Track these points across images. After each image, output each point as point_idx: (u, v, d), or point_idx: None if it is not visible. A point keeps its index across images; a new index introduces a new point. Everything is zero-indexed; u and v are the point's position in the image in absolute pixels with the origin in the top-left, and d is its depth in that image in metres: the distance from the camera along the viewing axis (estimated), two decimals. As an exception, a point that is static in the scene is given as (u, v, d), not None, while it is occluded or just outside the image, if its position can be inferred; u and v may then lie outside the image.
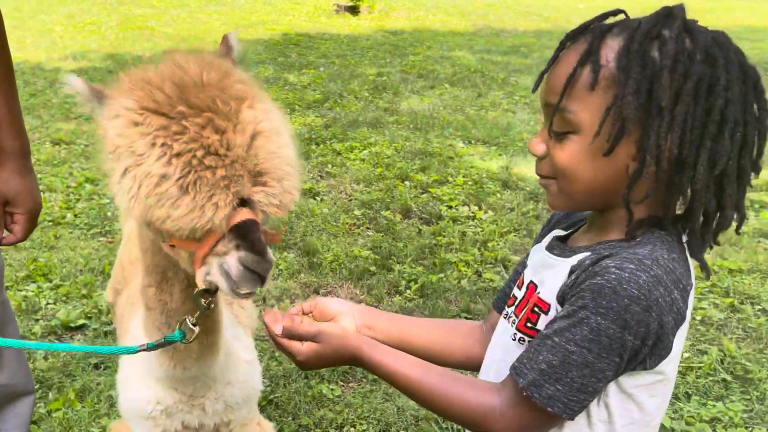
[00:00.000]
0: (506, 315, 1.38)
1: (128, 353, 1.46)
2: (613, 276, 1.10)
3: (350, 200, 5.13)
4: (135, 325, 1.69)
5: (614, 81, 1.13)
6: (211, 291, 1.28)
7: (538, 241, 1.46)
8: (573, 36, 1.23)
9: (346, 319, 1.41)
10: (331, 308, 1.42)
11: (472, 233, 4.56)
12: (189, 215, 1.09)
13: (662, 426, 2.60)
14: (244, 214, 1.13)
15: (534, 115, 7.66)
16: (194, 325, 1.36)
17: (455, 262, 4.12)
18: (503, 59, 11.03)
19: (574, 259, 1.22)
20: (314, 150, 6.13)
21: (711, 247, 1.25)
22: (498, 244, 4.37)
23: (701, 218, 1.20)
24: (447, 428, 2.78)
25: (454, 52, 11.50)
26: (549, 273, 1.28)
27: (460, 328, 1.56)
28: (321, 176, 5.58)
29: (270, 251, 1.18)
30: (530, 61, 10.93)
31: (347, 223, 4.67)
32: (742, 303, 3.76)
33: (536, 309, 1.26)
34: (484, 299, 3.70)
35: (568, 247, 1.31)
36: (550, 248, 1.34)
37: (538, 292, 1.28)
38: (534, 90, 1.31)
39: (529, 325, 1.27)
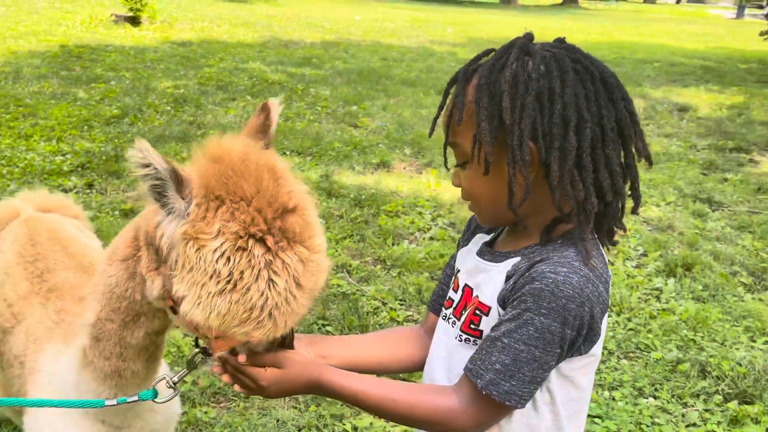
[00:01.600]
0: (445, 316, 1.51)
1: (96, 407, 1.39)
2: (550, 280, 1.25)
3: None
4: (49, 360, 1.59)
5: (473, 114, 1.31)
6: (208, 353, 1.38)
7: (463, 244, 1.60)
8: (453, 82, 1.41)
9: (300, 349, 1.45)
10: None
11: (307, 242, 4.66)
12: (265, 335, 1.20)
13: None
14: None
15: (340, 125, 7.95)
16: (174, 384, 1.43)
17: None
18: (298, 70, 11.23)
19: (508, 264, 1.36)
20: (124, 168, 5.82)
21: (617, 233, 1.43)
22: (336, 251, 4.53)
23: (591, 211, 1.33)
24: None
25: (248, 63, 11.46)
26: (483, 277, 1.41)
27: (398, 336, 1.69)
28: (139, 195, 5.33)
29: None
30: (324, 72, 11.26)
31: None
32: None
33: (477, 312, 1.39)
34: (335, 304, 3.84)
35: (497, 252, 1.44)
36: (480, 254, 1.47)
37: (476, 296, 1.41)
38: (430, 135, 1.56)
39: (472, 326, 1.40)
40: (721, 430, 3.05)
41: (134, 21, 14.74)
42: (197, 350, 1.40)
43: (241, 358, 1.30)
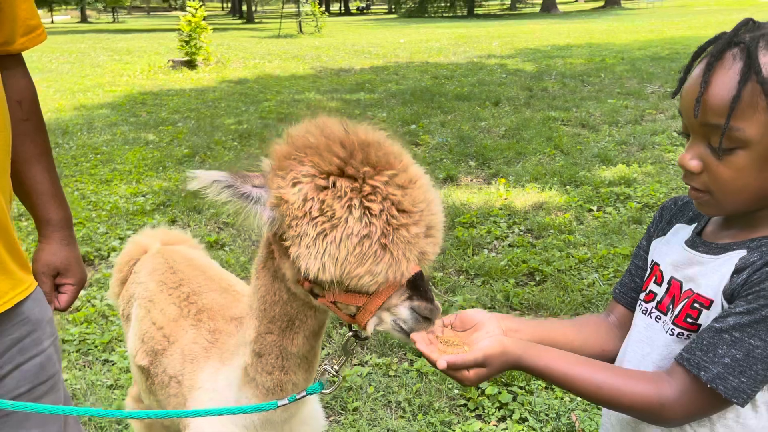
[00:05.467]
0: (646, 311, 1.42)
1: (269, 409, 1.43)
2: None
3: (255, 245, 5.11)
4: (208, 378, 1.67)
5: None
6: (360, 337, 1.37)
7: (658, 234, 1.50)
8: (715, 53, 1.21)
9: (489, 325, 1.42)
10: (474, 318, 1.44)
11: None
12: (389, 271, 1.15)
13: None
14: (415, 267, 1.21)
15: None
16: (336, 372, 1.43)
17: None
18: (352, 96, 11.44)
19: (732, 257, 1.27)
20: (203, 204, 6.03)
21: None
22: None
23: None
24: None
25: (304, 94, 11.74)
26: (698, 270, 1.32)
27: (590, 323, 1.61)
28: (220, 228, 5.51)
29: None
30: (378, 96, 11.43)
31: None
32: None
33: (696, 305, 1.29)
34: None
35: (712, 243, 1.33)
36: (692, 245, 1.37)
37: (689, 289, 1.32)
38: (673, 96, 1.33)
39: (689, 320, 1.31)
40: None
41: (190, 64, 15.29)
42: (349, 334, 1.42)
43: (441, 365, 1.25)
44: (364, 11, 69.72)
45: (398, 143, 1.26)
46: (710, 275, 1.28)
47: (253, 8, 55.78)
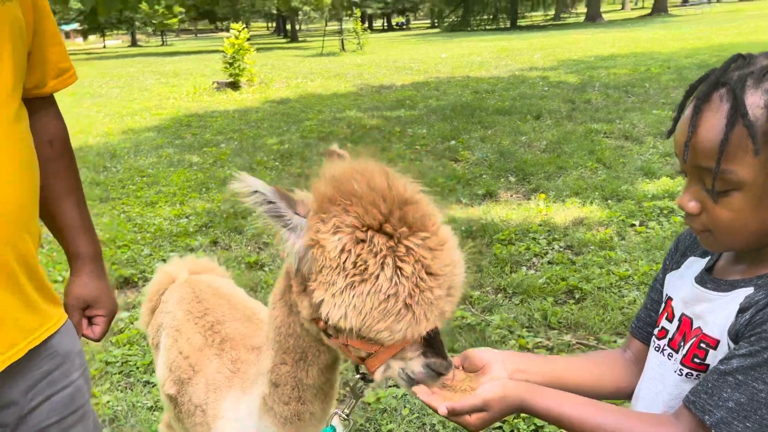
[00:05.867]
0: (658, 348, 1.39)
1: None
2: None
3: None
4: (230, 407, 1.69)
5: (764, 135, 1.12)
6: (368, 380, 1.39)
7: (673, 267, 1.47)
8: (702, 96, 1.19)
9: (496, 367, 1.42)
10: (482, 359, 1.44)
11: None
12: (408, 329, 1.18)
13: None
14: (433, 325, 1.23)
15: (441, 160, 8.03)
16: (347, 416, 1.45)
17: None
18: (393, 113, 11.49)
19: (738, 295, 1.23)
20: (244, 224, 6.12)
21: None
22: (455, 283, 4.54)
23: None
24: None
25: (345, 112, 11.84)
26: (706, 307, 1.29)
27: (605, 360, 1.58)
28: (260, 248, 5.58)
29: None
30: (418, 112, 11.45)
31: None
32: None
33: (703, 345, 1.27)
34: (462, 335, 3.85)
35: (720, 280, 1.31)
36: (701, 281, 1.33)
37: (698, 327, 1.29)
38: (668, 136, 1.30)
39: (696, 360, 1.28)
40: None
41: (234, 86, 15.60)
42: (357, 376, 1.44)
43: (442, 411, 1.28)
44: (403, 27, 70.17)
45: (433, 202, 1.29)
46: (717, 313, 1.25)
47: (297, 27, 56.67)
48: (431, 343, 1.26)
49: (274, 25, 74.90)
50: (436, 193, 6.53)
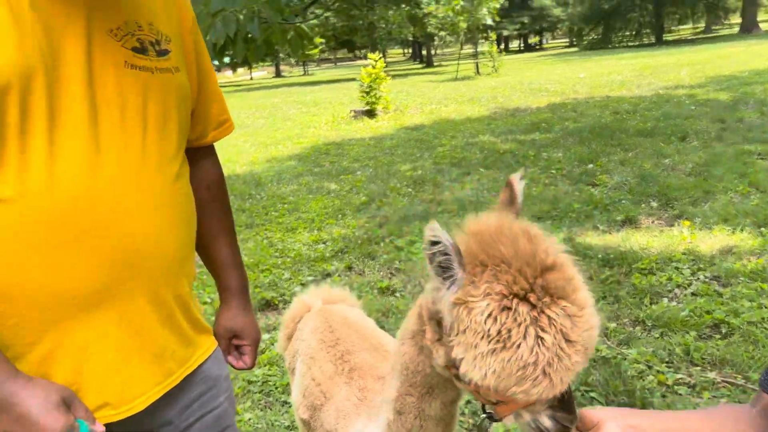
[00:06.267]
0: None
1: None
2: None
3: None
4: None
5: None
6: (493, 419, 1.44)
7: None
8: None
9: (609, 425, 1.41)
10: (593, 418, 1.44)
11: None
12: (543, 393, 1.22)
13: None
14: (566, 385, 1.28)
15: (577, 185, 7.81)
16: None
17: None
18: (527, 137, 11.34)
19: None
20: (377, 249, 6.28)
21: None
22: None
23: None
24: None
25: (478, 137, 11.84)
26: None
27: (727, 416, 1.51)
28: (392, 273, 5.69)
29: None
30: (554, 135, 11.23)
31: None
32: None
33: None
34: (597, 369, 3.72)
35: None
36: None
37: None
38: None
39: None
40: None
41: (370, 114, 16.08)
42: (484, 416, 1.46)
43: None
44: (536, 47, 69.09)
45: (575, 266, 1.30)
46: None
47: (432, 52, 57.46)
48: (562, 398, 1.28)
49: (410, 51, 76.40)
50: (572, 219, 6.40)
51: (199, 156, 1.72)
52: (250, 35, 2.87)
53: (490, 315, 1.21)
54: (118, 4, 1.38)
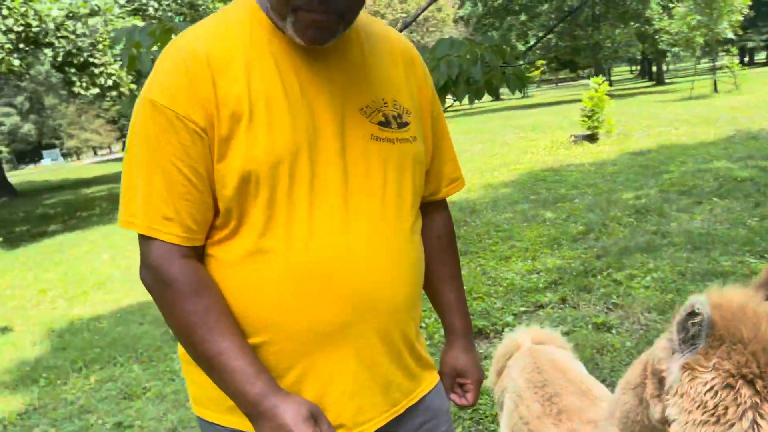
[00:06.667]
0: None
1: None
2: None
3: (646, 331, 4.95)
4: None
5: None
6: None
7: None
8: None
9: None
10: None
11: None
12: None
13: None
14: None
15: (831, 219, 6.91)
16: None
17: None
18: (771, 163, 10.26)
19: None
20: (593, 282, 6.09)
21: None
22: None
23: None
24: None
25: (712, 163, 10.94)
26: None
27: None
28: (609, 308, 5.49)
29: None
30: (806, 161, 10.04)
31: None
32: None
33: None
34: None
35: None
36: None
37: None
38: None
39: None
40: None
41: (592, 138, 15.58)
42: None
43: None
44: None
45: None
46: None
47: (664, 68, 54.06)
48: None
49: (638, 68, 72.61)
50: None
51: (432, 209, 1.87)
52: (471, 78, 3.01)
53: (711, 388, 1.23)
54: (368, 82, 1.58)
